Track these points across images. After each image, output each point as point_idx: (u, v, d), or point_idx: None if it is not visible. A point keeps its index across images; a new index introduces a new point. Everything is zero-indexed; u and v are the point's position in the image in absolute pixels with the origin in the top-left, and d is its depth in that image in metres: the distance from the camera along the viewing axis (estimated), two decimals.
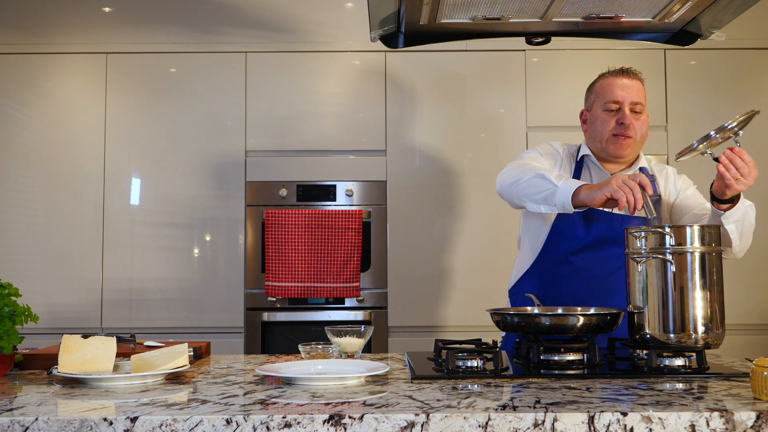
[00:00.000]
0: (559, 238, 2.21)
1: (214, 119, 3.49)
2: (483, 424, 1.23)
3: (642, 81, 2.24)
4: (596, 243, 2.16)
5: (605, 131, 2.20)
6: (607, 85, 2.22)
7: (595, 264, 2.16)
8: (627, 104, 2.18)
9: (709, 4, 2.01)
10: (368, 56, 3.51)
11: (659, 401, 1.35)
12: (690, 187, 2.29)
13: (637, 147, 2.22)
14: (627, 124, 2.16)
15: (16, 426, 1.24)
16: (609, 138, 2.20)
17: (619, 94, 2.19)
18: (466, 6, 2.02)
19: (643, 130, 2.20)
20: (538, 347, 1.76)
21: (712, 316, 1.71)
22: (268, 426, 1.23)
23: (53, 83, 3.50)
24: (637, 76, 2.23)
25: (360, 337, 1.94)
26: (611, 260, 2.14)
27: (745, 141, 3.52)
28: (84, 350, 1.68)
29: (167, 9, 3.52)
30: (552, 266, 2.22)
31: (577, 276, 2.17)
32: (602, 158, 2.25)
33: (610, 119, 2.20)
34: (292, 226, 3.36)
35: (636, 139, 2.19)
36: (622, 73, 2.22)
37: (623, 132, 2.17)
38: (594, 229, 2.16)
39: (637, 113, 2.19)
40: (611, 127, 2.19)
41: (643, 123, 2.20)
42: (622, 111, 2.18)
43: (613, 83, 2.21)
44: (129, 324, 3.39)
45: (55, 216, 3.45)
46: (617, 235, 2.07)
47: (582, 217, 2.16)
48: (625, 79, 2.20)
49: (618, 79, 2.21)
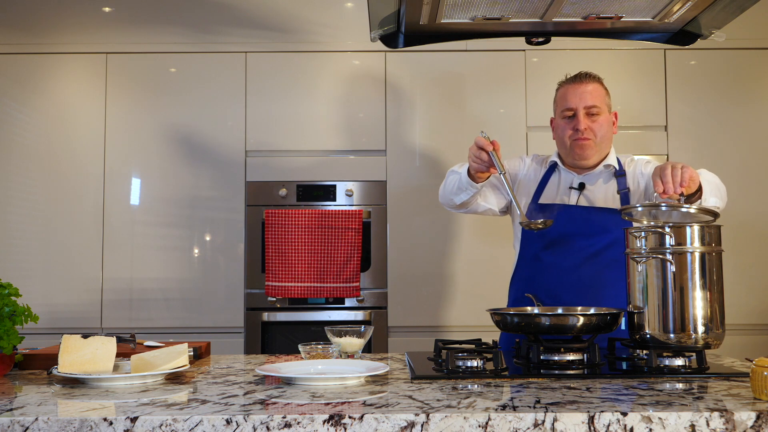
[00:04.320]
0: (528, 236, 2.31)
1: (214, 119, 3.49)
2: (483, 424, 1.23)
3: (599, 82, 2.31)
4: (561, 237, 2.23)
5: (565, 137, 2.31)
6: (562, 94, 2.33)
7: (562, 258, 2.23)
8: (581, 109, 2.27)
9: (709, 4, 2.01)
10: (368, 56, 3.51)
11: (659, 401, 1.35)
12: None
13: (600, 147, 2.30)
14: (581, 129, 2.26)
15: (16, 426, 1.24)
16: (570, 143, 2.30)
17: (572, 100, 2.28)
18: (466, 6, 2.02)
19: (602, 131, 2.28)
20: (538, 347, 1.76)
21: (712, 316, 1.71)
22: (268, 426, 1.23)
23: (53, 83, 3.50)
24: (592, 78, 2.31)
25: (360, 337, 1.94)
26: (577, 252, 2.22)
27: (745, 141, 3.52)
28: (84, 350, 1.68)
29: (167, 9, 3.52)
30: (527, 264, 2.31)
31: (548, 271, 2.24)
32: (569, 163, 2.35)
33: (567, 126, 2.30)
34: (292, 226, 3.36)
35: (595, 140, 2.27)
36: (575, 79, 2.31)
37: (579, 136, 2.26)
38: (557, 225, 2.22)
39: (593, 116, 2.27)
40: (569, 134, 2.29)
41: (600, 125, 2.28)
42: (576, 117, 2.27)
43: (567, 91, 2.31)
44: (129, 324, 3.39)
45: (55, 216, 3.45)
46: (580, 228, 2.21)
47: (544, 214, 2.26)
48: (578, 84, 2.29)
49: (571, 86, 2.31)
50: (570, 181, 2.33)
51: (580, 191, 2.29)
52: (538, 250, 2.26)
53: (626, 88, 3.50)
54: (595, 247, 2.20)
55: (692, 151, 3.47)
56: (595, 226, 2.22)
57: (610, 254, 2.19)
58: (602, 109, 2.28)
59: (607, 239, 2.20)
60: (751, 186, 3.48)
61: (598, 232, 2.21)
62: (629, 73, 3.51)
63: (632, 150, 3.46)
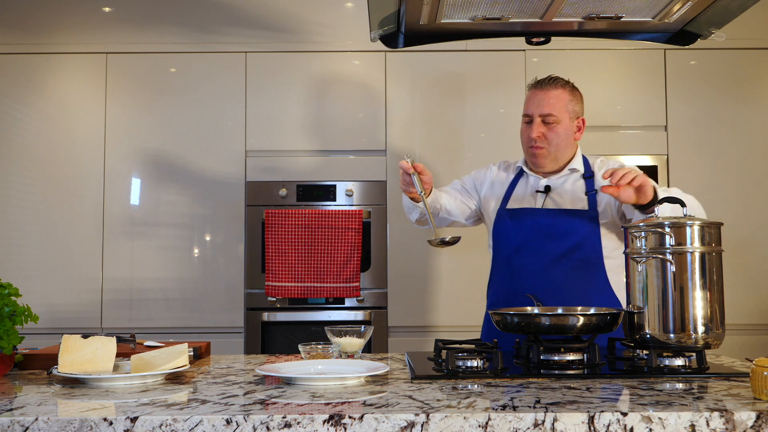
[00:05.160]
0: (498, 242, 2.33)
1: (214, 119, 3.49)
2: (483, 424, 1.23)
3: (565, 88, 2.28)
4: (529, 240, 2.25)
5: (524, 142, 2.33)
6: (527, 97, 2.33)
7: (531, 260, 2.24)
8: (536, 117, 2.27)
9: (709, 4, 2.01)
10: (368, 56, 3.51)
11: (659, 401, 1.35)
12: None
13: (555, 156, 2.29)
14: (533, 137, 2.26)
15: (16, 426, 1.24)
16: (527, 149, 2.32)
17: (530, 106, 2.29)
18: (466, 6, 2.02)
19: (558, 139, 2.26)
20: (538, 347, 1.76)
21: (712, 316, 1.71)
22: (268, 426, 1.23)
23: (53, 83, 3.50)
24: (556, 85, 2.28)
25: (360, 337, 1.94)
26: (545, 254, 2.22)
27: (745, 141, 3.52)
28: (84, 350, 1.68)
29: (167, 9, 3.52)
30: (501, 269, 2.32)
31: (518, 274, 2.26)
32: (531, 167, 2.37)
33: (525, 131, 2.31)
34: (292, 226, 3.36)
35: (549, 149, 2.27)
36: (538, 84, 2.30)
37: (533, 144, 2.27)
38: (523, 229, 2.26)
39: (549, 124, 2.26)
40: (526, 139, 2.30)
41: (557, 133, 2.26)
42: (532, 124, 2.27)
43: (529, 97, 2.32)
44: (129, 324, 3.39)
45: (55, 216, 3.45)
46: (547, 231, 2.22)
47: (512, 219, 2.28)
48: (539, 90, 2.28)
49: (533, 91, 2.31)
50: (537, 184, 2.34)
51: (546, 194, 2.30)
52: (510, 254, 2.28)
53: (626, 88, 3.50)
54: (562, 248, 2.21)
55: (692, 151, 3.47)
56: (561, 228, 2.23)
57: (578, 255, 2.20)
58: (560, 118, 2.25)
59: (573, 240, 2.21)
60: (751, 186, 3.48)
61: (564, 234, 2.22)
62: (629, 73, 3.51)
63: (632, 150, 3.47)
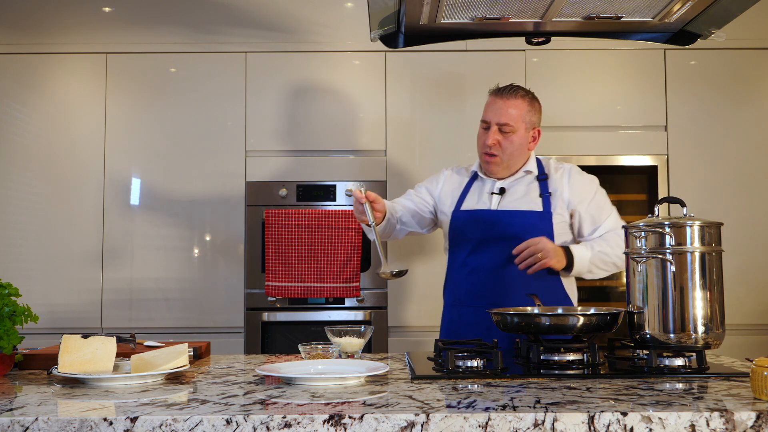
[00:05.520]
0: (455, 244, 2.38)
1: (214, 119, 3.49)
2: (483, 424, 1.23)
3: (525, 98, 2.33)
4: (484, 241, 2.30)
5: (479, 147, 2.38)
6: (487, 103, 2.37)
7: (486, 260, 2.29)
8: (494, 124, 2.32)
9: (709, 4, 2.01)
10: (368, 56, 3.51)
11: (659, 401, 1.35)
12: (584, 202, 2.33)
13: (508, 164, 2.35)
14: (489, 144, 2.31)
15: (16, 426, 1.24)
16: (481, 155, 2.37)
17: (489, 113, 2.33)
18: (466, 6, 2.02)
19: (512, 148, 2.32)
20: (538, 347, 1.76)
21: (712, 316, 1.71)
22: (268, 426, 1.23)
23: (53, 83, 3.50)
24: (516, 95, 2.33)
25: (360, 337, 1.94)
26: (499, 254, 2.27)
27: (745, 141, 3.52)
28: (84, 350, 1.68)
29: (167, 9, 3.52)
30: (456, 270, 2.37)
31: (474, 275, 2.31)
32: (484, 170, 2.41)
33: (482, 136, 2.36)
34: (292, 226, 3.36)
35: (502, 157, 2.33)
36: (500, 92, 2.35)
37: (487, 151, 2.32)
38: (479, 230, 2.31)
39: (506, 133, 2.30)
40: (481, 144, 2.35)
41: (512, 142, 2.31)
42: (488, 131, 2.32)
43: (489, 103, 2.36)
44: (129, 324, 3.39)
45: (55, 216, 3.45)
46: (501, 232, 2.28)
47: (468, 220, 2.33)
48: (500, 98, 2.33)
49: (493, 98, 2.35)
50: (491, 186, 2.38)
51: (500, 196, 2.35)
52: (465, 256, 2.33)
53: (626, 88, 3.50)
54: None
55: (692, 151, 3.47)
56: (515, 228, 2.27)
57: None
58: (516, 128, 2.30)
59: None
60: (751, 186, 3.48)
61: (518, 234, 2.26)
62: (629, 73, 3.51)
63: (632, 150, 3.47)
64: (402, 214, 2.42)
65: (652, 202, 3.42)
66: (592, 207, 2.31)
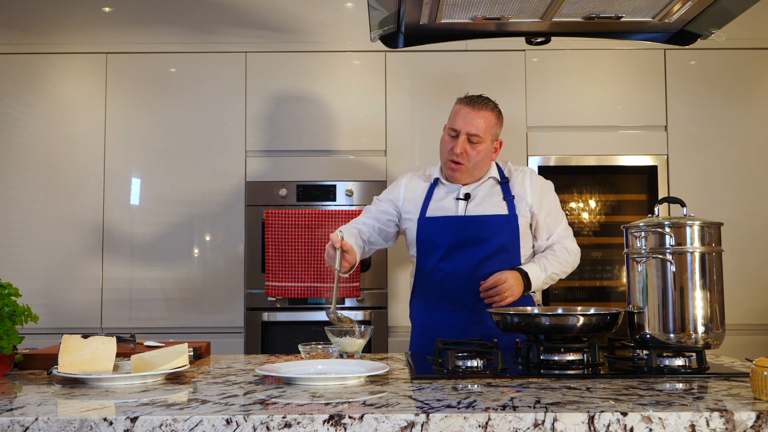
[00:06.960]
0: (422, 250, 2.39)
1: (214, 119, 3.49)
2: (483, 424, 1.23)
3: (493, 111, 2.37)
4: (455, 246, 2.33)
5: (444, 153, 2.39)
6: (455, 111, 2.39)
7: (459, 265, 2.32)
8: (463, 134, 2.34)
9: (709, 4, 2.01)
10: (368, 56, 3.51)
11: (659, 401, 1.35)
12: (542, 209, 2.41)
13: (472, 173, 2.38)
14: (457, 153, 2.33)
15: (16, 426, 1.24)
16: (446, 162, 2.38)
17: (459, 123, 2.35)
18: (466, 6, 2.02)
19: (478, 158, 2.35)
20: (538, 347, 1.76)
21: (712, 316, 1.71)
22: (268, 426, 1.23)
23: (53, 83, 3.50)
24: (486, 106, 2.37)
25: (360, 337, 1.94)
26: (471, 257, 2.31)
27: (745, 141, 3.52)
28: (84, 350, 1.68)
29: (167, 9, 3.52)
30: (427, 276, 2.38)
31: (447, 279, 2.34)
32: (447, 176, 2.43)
33: (449, 143, 2.36)
34: (292, 226, 3.36)
35: (468, 166, 2.36)
36: (470, 102, 2.37)
37: (454, 159, 2.34)
38: (449, 236, 2.33)
39: (474, 143, 2.34)
40: (447, 151, 2.37)
41: (478, 152, 2.35)
42: (457, 140, 2.34)
43: (458, 111, 2.37)
44: (129, 324, 3.39)
45: (55, 216, 3.45)
46: (470, 236, 2.31)
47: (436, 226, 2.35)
48: (471, 109, 2.35)
49: (463, 108, 2.37)
50: (455, 192, 2.41)
51: (466, 201, 2.37)
52: (437, 261, 2.35)
53: (626, 88, 3.50)
54: (486, 251, 2.31)
55: (692, 151, 3.47)
56: (483, 232, 2.32)
57: (502, 257, 2.31)
58: (484, 139, 2.34)
59: (496, 243, 2.31)
60: (751, 186, 3.48)
61: (487, 237, 2.31)
62: (629, 73, 3.51)
63: (632, 150, 3.47)
64: (369, 235, 2.44)
65: (652, 202, 3.42)
66: (550, 217, 2.40)
